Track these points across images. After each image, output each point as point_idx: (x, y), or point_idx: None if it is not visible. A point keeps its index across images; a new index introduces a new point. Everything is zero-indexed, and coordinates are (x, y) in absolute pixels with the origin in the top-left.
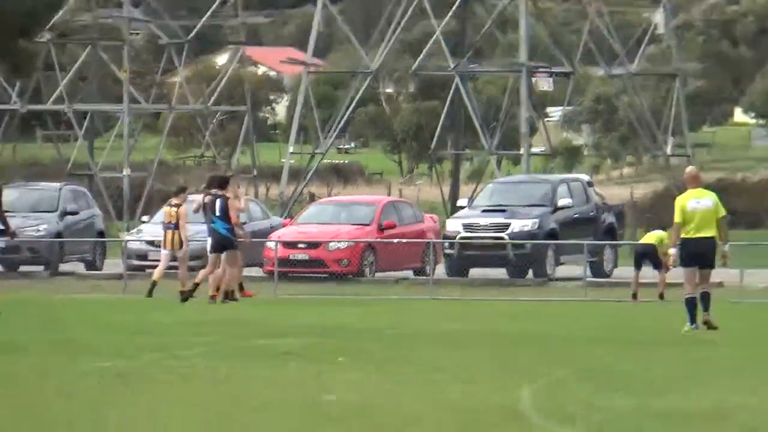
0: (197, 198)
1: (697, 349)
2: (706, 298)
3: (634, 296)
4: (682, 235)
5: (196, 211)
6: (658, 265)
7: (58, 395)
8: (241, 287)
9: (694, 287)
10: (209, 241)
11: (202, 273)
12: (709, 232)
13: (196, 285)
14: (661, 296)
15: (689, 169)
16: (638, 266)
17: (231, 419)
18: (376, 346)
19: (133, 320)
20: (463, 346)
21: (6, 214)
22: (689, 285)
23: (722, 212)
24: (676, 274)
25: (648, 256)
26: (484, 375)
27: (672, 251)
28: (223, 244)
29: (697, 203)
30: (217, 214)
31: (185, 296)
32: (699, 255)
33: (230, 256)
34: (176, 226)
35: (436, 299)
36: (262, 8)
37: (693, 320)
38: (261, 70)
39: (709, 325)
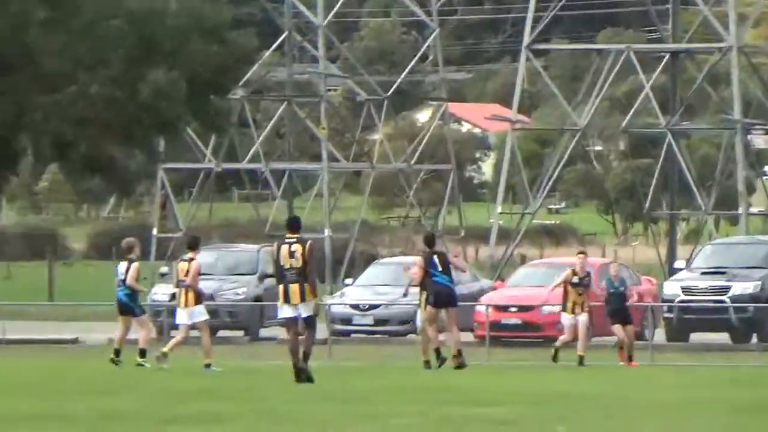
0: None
1: None
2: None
3: None
4: None
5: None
6: None
7: None
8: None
9: None
10: None
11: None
12: None
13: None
14: None
15: None
16: None
17: None
18: (596, 415)
19: (339, 388)
20: (687, 416)
21: (203, 277)
22: None
23: None
24: None
25: None
26: None
27: None
28: None
29: None
30: (439, 269)
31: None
32: None
33: None
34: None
35: (656, 365)
36: (462, 64)
37: None
38: (465, 127)
39: None
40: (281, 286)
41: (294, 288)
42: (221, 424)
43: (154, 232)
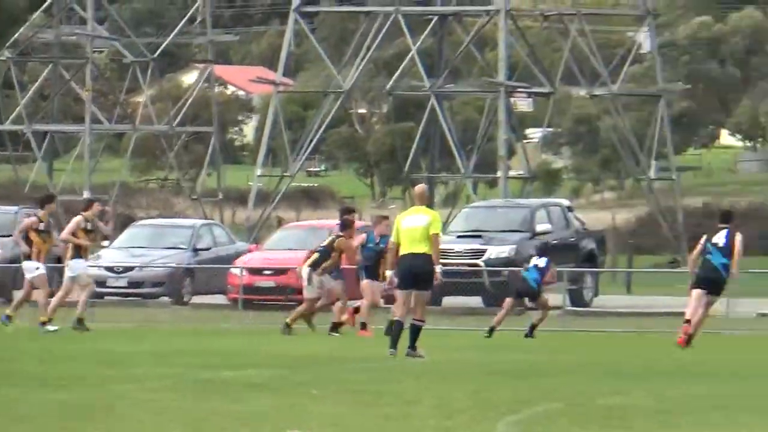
0: None
1: (687, 382)
2: (413, 330)
3: None
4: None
5: None
6: None
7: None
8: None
9: (405, 309)
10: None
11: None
12: (421, 249)
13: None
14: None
15: (418, 186)
16: None
17: None
18: (351, 378)
19: (94, 349)
20: (440, 378)
21: None
22: (400, 307)
23: (435, 229)
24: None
25: None
26: (462, 409)
27: (389, 273)
28: None
29: (411, 221)
30: None
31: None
32: (414, 273)
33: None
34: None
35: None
36: (231, 26)
37: (393, 345)
38: (229, 89)
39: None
40: None
41: None
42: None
43: None
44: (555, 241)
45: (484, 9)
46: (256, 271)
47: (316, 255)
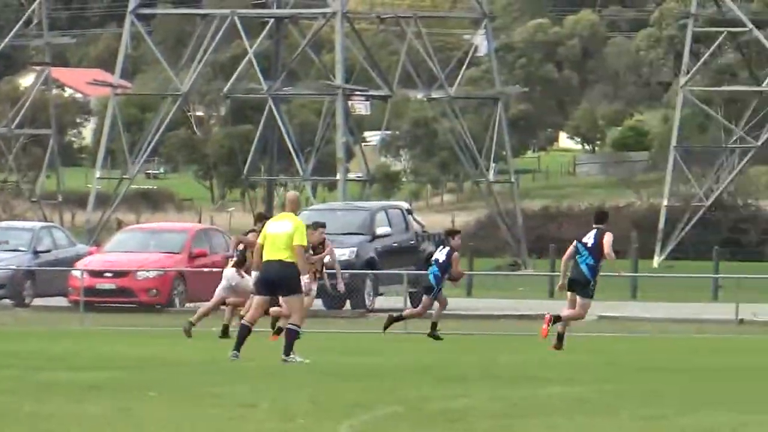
0: None
1: (528, 385)
2: (287, 335)
3: None
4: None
5: None
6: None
7: None
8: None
9: (256, 314)
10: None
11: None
12: (279, 256)
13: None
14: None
15: (289, 193)
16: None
17: None
18: (189, 381)
19: None
20: (279, 381)
21: None
22: (251, 312)
23: (298, 241)
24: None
25: None
26: (301, 412)
27: (254, 274)
28: None
29: (275, 227)
30: None
31: None
32: (270, 281)
33: None
34: None
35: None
36: (68, 28)
37: (237, 347)
38: (67, 92)
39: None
40: None
41: None
42: None
43: None
44: (395, 244)
45: (320, 12)
46: (96, 274)
47: (234, 258)
